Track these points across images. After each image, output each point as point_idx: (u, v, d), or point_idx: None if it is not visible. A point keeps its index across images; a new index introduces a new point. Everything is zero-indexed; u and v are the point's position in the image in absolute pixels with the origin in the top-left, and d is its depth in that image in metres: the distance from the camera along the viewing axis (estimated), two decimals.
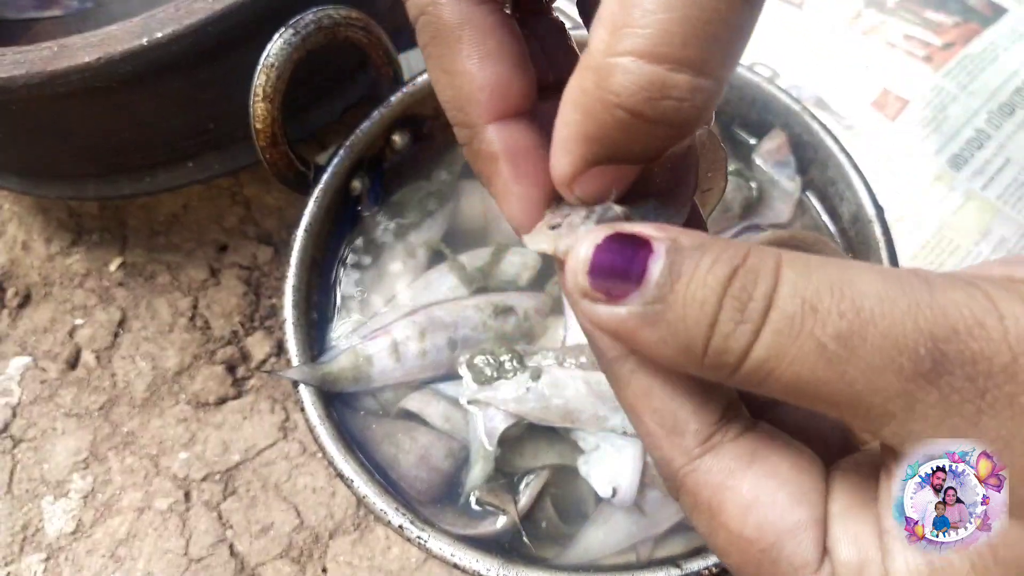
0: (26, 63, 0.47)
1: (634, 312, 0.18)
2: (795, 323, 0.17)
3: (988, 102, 0.65)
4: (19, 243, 0.65)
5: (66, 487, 0.56)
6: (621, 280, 0.18)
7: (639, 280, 0.18)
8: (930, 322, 0.17)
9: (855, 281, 0.17)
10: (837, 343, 0.17)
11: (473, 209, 0.54)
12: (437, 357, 0.47)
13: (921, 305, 0.17)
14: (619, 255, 0.19)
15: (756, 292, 0.18)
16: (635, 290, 0.18)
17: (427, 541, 0.40)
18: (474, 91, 0.22)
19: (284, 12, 0.46)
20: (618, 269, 0.19)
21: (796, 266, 0.18)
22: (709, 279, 0.18)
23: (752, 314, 0.18)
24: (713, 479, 0.20)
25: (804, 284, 0.18)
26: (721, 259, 0.18)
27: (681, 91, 0.18)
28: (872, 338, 0.17)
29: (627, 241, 0.19)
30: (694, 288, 0.18)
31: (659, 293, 0.18)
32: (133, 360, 0.60)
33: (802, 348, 0.17)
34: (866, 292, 0.17)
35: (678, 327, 0.18)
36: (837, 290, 0.17)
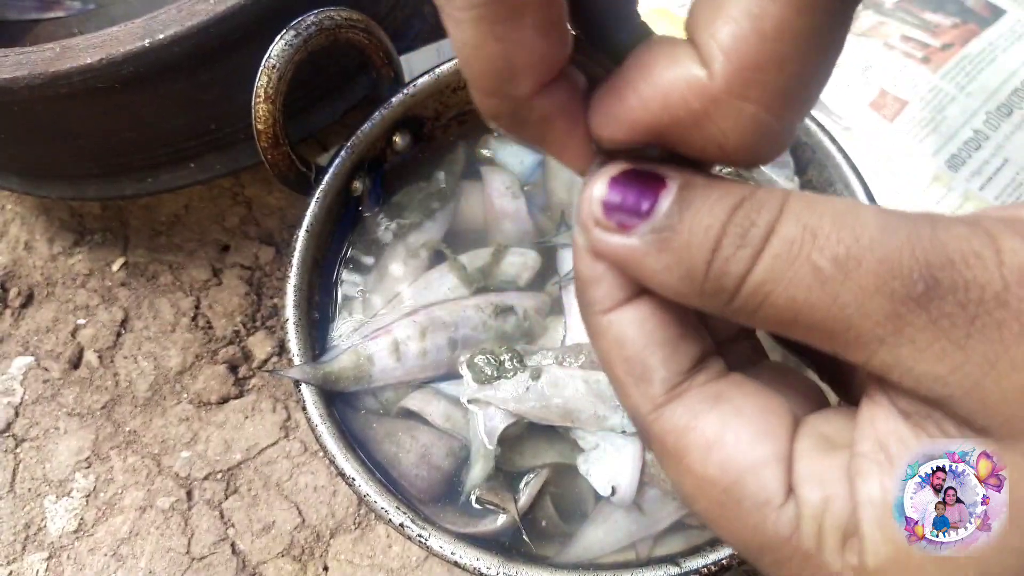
0: (28, 64, 0.47)
1: (642, 240, 0.19)
2: (794, 247, 0.18)
3: (986, 103, 0.65)
4: (22, 243, 0.66)
5: (68, 486, 0.56)
6: (633, 211, 0.19)
7: (650, 212, 0.19)
8: (927, 251, 0.17)
9: (859, 213, 0.18)
10: (833, 266, 0.18)
11: (473, 210, 0.54)
12: (438, 356, 0.47)
13: (921, 236, 0.18)
14: (633, 188, 0.19)
15: (760, 219, 0.18)
16: (645, 219, 0.19)
17: (428, 539, 0.40)
18: (533, 62, 0.20)
19: (286, 14, 0.46)
20: (631, 201, 0.19)
21: (802, 199, 0.18)
22: (716, 208, 0.19)
23: (753, 239, 0.18)
24: (678, 422, 0.20)
25: (808, 213, 0.18)
26: (730, 192, 0.19)
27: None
28: (868, 263, 0.17)
29: (642, 176, 0.19)
30: (701, 216, 0.19)
31: (667, 222, 0.19)
32: (135, 360, 0.60)
33: (799, 271, 0.18)
34: (868, 222, 0.18)
35: (682, 253, 0.19)
36: (839, 218, 0.18)
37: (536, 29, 0.19)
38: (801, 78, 0.19)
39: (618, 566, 0.42)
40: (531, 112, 0.21)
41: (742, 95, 0.18)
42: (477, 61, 0.20)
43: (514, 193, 0.53)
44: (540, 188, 0.55)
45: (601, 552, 0.44)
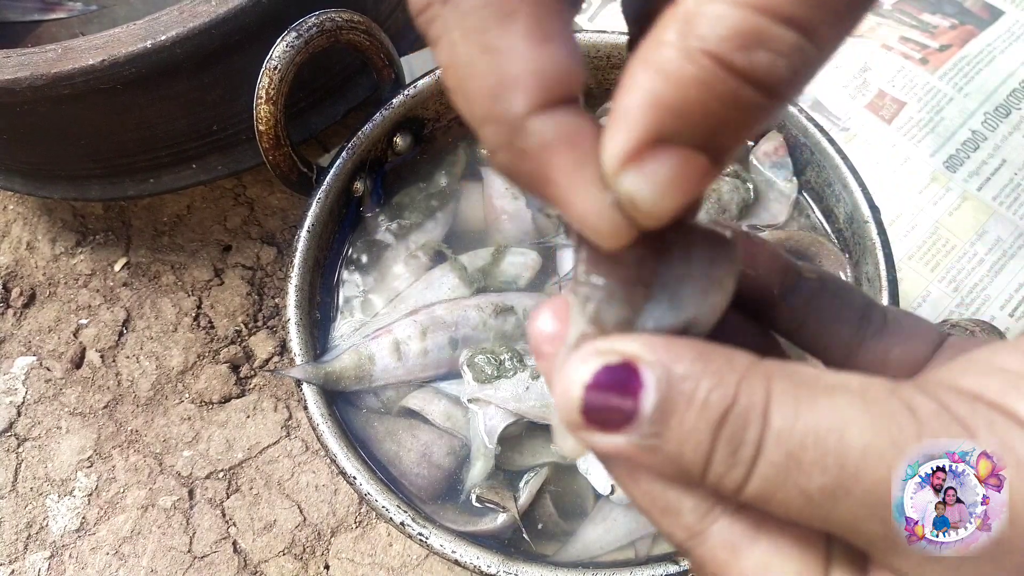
0: (31, 65, 0.47)
1: (632, 443, 0.19)
2: (780, 474, 0.18)
3: (984, 104, 0.65)
4: (24, 243, 0.66)
5: (70, 485, 0.57)
6: (614, 414, 0.18)
7: (632, 413, 0.18)
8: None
9: (841, 428, 0.18)
10: (822, 495, 0.18)
11: (474, 210, 0.54)
12: (438, 356, 0.48)
13: (907, 437, 0.17)
14: (609, 391, 0.19)
15: (746, 437, 0.18)
16: (629, 423, 0.18)
17: (428, 538, 0.40)
18: (523, 75, 0.17)
19: (287, 16, 0.46)
20: (610, 405, 0.18)
21: (784, 408, 0.18)
22: (701, 421, 0.18)
23: (743, 459, 0.18)
24: (718, 555, 0.20)
25: (789, 433, 0.18)
26: (712, 396, 0.18)
27: (780, 45, 0.15)
28: (856, 493, 0.17)
29: (615, 373, 0.19)
30: (686, 430, 0.18)
31: (652, 429, 0.18)
32: (137, 359, 0.61)
33: (789, 494, 0.18)
34: (852, 443, 0.17)
35: (676, 460, 0.18)
36: (822, 443, 0.18)
37: (528, 38, 0.17)
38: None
39: (617, 564, 0.42)
40: (528, 138, 0.18)
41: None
42: (469, 80, 0.18)
43: (514, 194, 0.54)
44: None
45: (600, 550, 0.44)
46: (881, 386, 0.18)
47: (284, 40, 0.45)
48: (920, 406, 0.18)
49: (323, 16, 0.46)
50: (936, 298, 0.59)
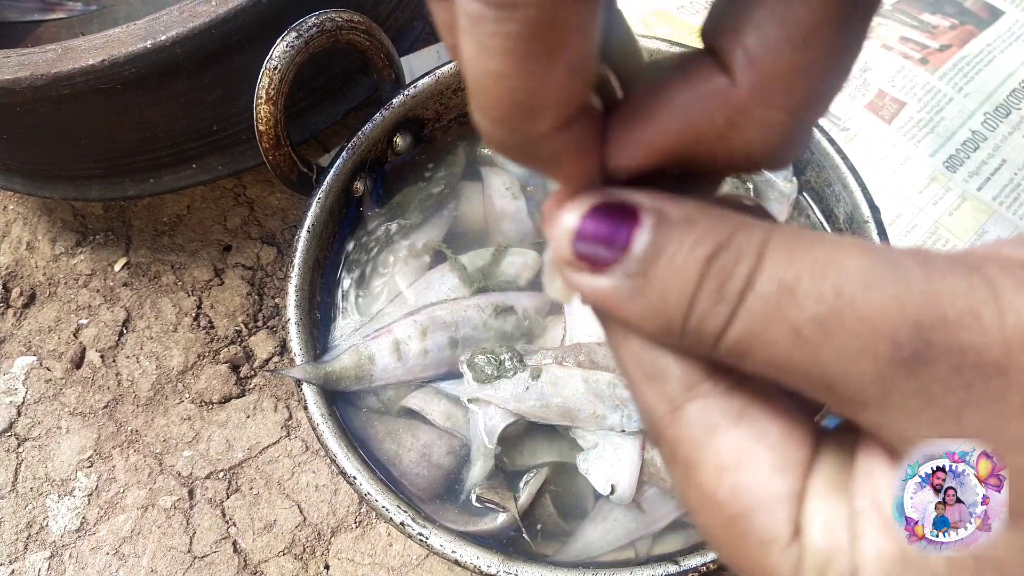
0: (31, 65, 0.47)
1: (615, 284, 0.18)
2: (770, 306, 0.17)
3: (984, 104, 0.65)
4: (24, 243, 0.66)
5: (70, 485, 0.57)
6: (605, 249, 0.18)
7: (623, 248, 0.18)
8: (918, 308, 0.16)
9: (843, 261, 0.16)
10: (812, 327, 0.16)
11: (474, 210, 0.54)
12: (438, 356, 0.48)
13: (912, 289, 0.16)
14: (604, 224, 0.18)
15: (737, 271, 0.17)
16: (618, 261, 0.18)
17: (428, 538, 0.40)
18: (559, 100, 0.18)
19: (287, 15, 0.46)
20: (602, 238, 0.18)
21: (783, 245, 0.17)
22: (691, 257, 0.17)
23: (730, 294, 0.17)
24: (694, 433, 0.19)
25: (786, 264, 0.17)
26: (707, 236, 0.17)
27: None
28: (850, 323, 0.16)
29: (614, 210, 0.18)
30: (676, 265, 0.17)
31: (640, 267, 0.18)
32: (138, 359, 0.61)
33: (776, 332, 0.17)
34: (852, 273, 0.16)
35: (658, 304, 0.18)
36: (820, 271, 0.16)
37: (569, 69, 0.17)
38: (828, 83, 0.18)
39: (617, 564, 0.42)
40: (545, 148, 0.19)
41: (768, 103, 0.17)
42: (496, 90, 0.17)
43: (514, 193, 0.54)
44: (540, 188, 0.55)
45: (600, 550, 0.44)
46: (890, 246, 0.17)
47: (284, 40, 0.45)
48: (930, 254, 0.17)
49: (323, 16, 0.46)
50: None
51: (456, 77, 0.53)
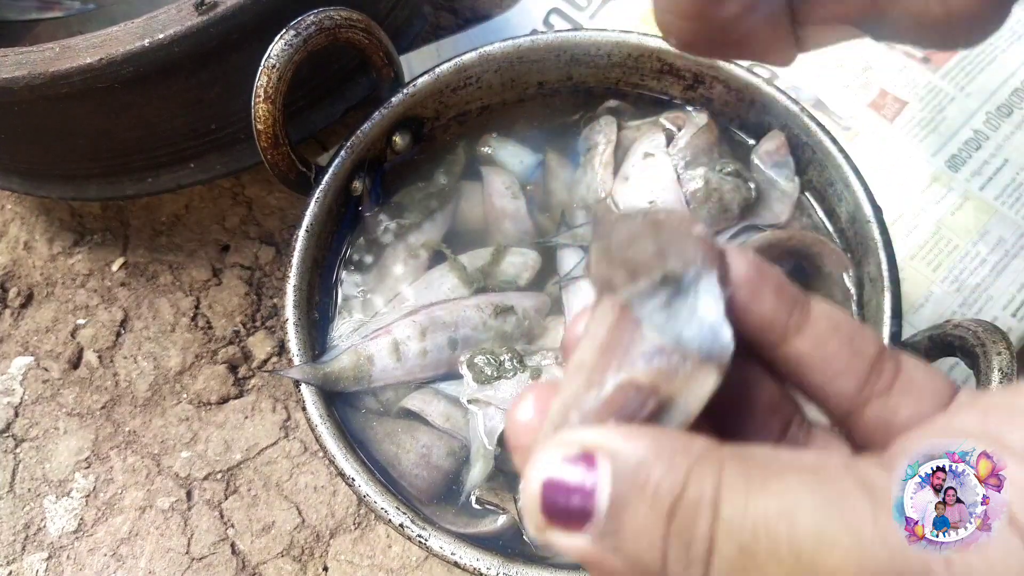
0: (28, 64, 0.47)
1: (591, 543, 0.18)
2: (737, 570, 0.17)
3: (986, 103, 0.65)
4: (22, 243, 0.66)
5: (68, 486, 0.56)
6: (573, 510, 0.18)
7: (590, 508, 0.18)
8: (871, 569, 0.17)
9: (794, 512, 0.17)
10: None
11: (473, 210, 0.54)
12: (438, 356, 0.47)
13: (864, 543, 0.17)
14: (567, 486, 0.18)
15: (697, 532, 0.18)
16: (589, 519, 0.18)
17: (428, 539, 0.40)
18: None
19: (285, 14, 0.46)
20: (571, 503, 0.18)
21: (734, 495, 0.18)
22: (652, 516, 0.18)
23: (696, 556, 0.18)
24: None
25: (739, 525, 0.17)
26: (661, 487, 0.18)
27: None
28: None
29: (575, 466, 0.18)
30: (639, 525, 0.18)
31: (610, 526, 0.18)
32: (135, 360, 0.60)
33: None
34: (805, 529, 0.17)
35: (635, 560, 0.18)
36: (773, 532, 0.17)
37: None
38: None
39: None
40: (734, 33, 0.20)
41: None
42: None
43: (514, 193, 0.53)
44: (540, 188, 0.55)
45: None
46: (837, 462, 0.18)
47: (282, 38, 0.45)
48: (877, 481, 0.17)
49: (322, 14, 0.46)
50: (939, 298, 0.58)
51: (456, 75, 0.53)
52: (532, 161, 0.55)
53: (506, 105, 0.56)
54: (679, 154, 0.51)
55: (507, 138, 0.56)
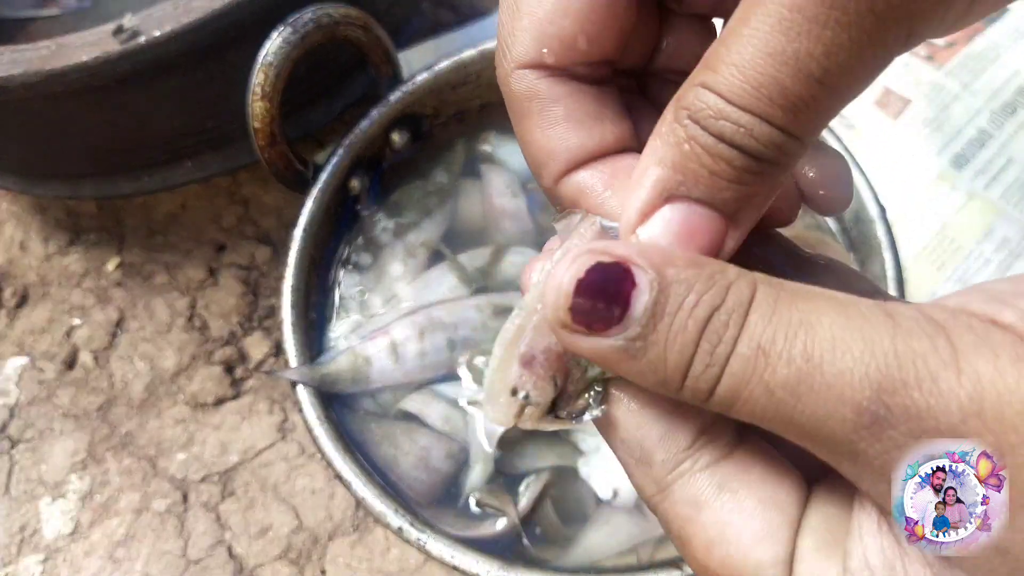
0: (23, 62, 0.47)
1: (616, 346, 0.18)
2: (747, 368, 0.18)
3: (990, 101, 0.65)
4: (17, 243, 0.65)
5: (64, 488, 0.56)
6: (603, 316, 0.18)
7: (621, 314, 0.18)
8: (881, 372, 0.17)
9: (815, 321, 0.17)
10: (784, 390, 0.17)
11: (472, 209, 0.54)
12: (436, 358, 0.47)
13: (876, 352, 0.17)
14: (601, 289, 0.18)
15: (725, 335, 0.18)
16: (617, 323, 0.18)
17: (426, 543, 0.40)
18: (542, 157, 0.22)
19: (283, 10, 0.46)
20: (601, 304, 0.18)
21: (764, 305, 0.18)
22: (690, 323, 0.18)
23: (719, 357, 0.18)
24: (680, 511, 0.20)
25: (763, 327, 0.18)
26: (703, 299, 0.18)
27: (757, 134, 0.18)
28: (818, 387, 0.17)
29: (609, 271, 0.18)
30: (675, 331, 0.18)
31: (641, 331, 0.18)
32: (131, 360, 0.60)
33: (753, 392, 0.18)
34: (822, 334, 0.17)
35: (657, 365, 0.18)
36: (792, 333, 0.17)
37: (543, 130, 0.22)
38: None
39: (619, 570, 0.42)
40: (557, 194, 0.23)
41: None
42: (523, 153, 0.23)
43: (514, 192, 0.53)
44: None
45: (602, 555, 0.43)
46: (867, 299, 0.18)
47: (280, 35, 0.45)
48: (900, 312, 0.18)
49: (319, 11, 0.46)
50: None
51: (455, 72, 0.53)
52: None
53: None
54: None
55: (507, 136, 0.55)
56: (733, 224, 0.20)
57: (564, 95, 0.22)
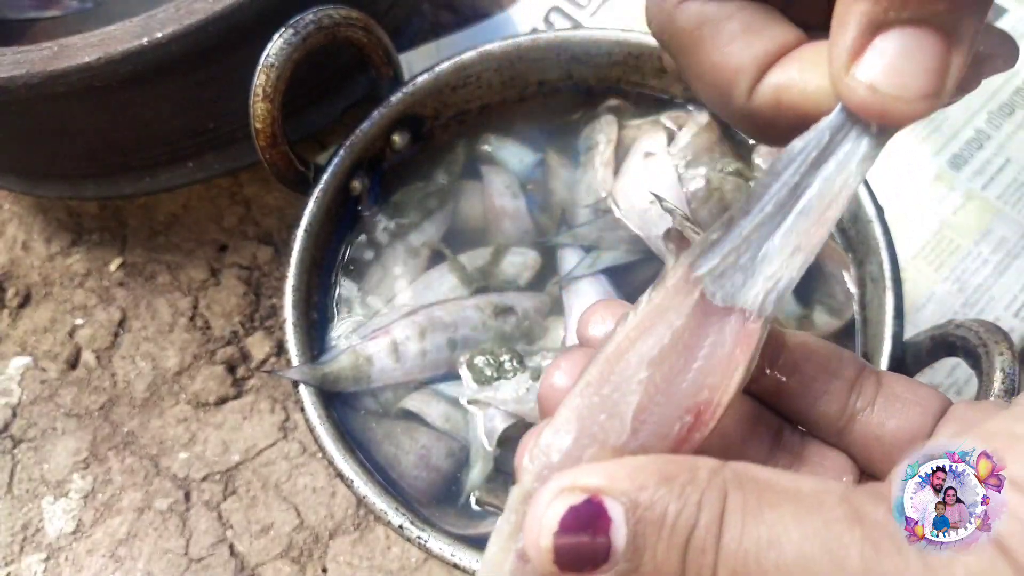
0: (26, 63, 0.47)
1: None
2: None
3: (988, 102, 0.65)
4: (19, 243, 0.65)
5: (66, 487, 0.56)
6: (587, 557, 0.18)
7: (605, 552, 0.18)
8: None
9: (783, 540, 0.18)
10: None
11: (473, 209, 0.54)
12: (437, 357, 0.47)
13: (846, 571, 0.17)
14: (579, 533, 0.18)
15: (704, 561, 0.18)
16: (605, 562, 0.18)
17: (427, 541, 0.40)
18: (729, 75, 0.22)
19: (284, 12, 0.46)
20: (583, 549, 0.18)
21: (733, 525, 0.18)
22: (672, 551, 0.18)
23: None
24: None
25: (735, 553, 0.18)
26: (679, 524, 0.18)
27: None
28: None
29: (583, 513, 0.18)
30: (659, 560, 0.18)
31: (629, 565, 0.18)
32: (133, 360, 0.60)
33: None
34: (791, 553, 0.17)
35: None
36: (763, 556, 0.18)
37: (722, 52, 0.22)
38: None
39: None
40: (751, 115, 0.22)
41: None
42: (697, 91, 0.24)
43: (514, 192, 0.53)
44: (540, 187, 0.55)
45: None
46: (833, 492, 0.18)
47: (281, 37, 0.45)
48: (869, 512, 0.18)
49: (320, 12, 0.46)
50: (941, 298, 0.58)
51: (455, 74, 0.53)
52: (532, 160, 0.55)
53: (506, 104, 0.56)
54: (680, 153, 0.51)
55: (507, 137, 0.56)
56: (954, 40, 0.18)
57: (735, 10, 0.22)
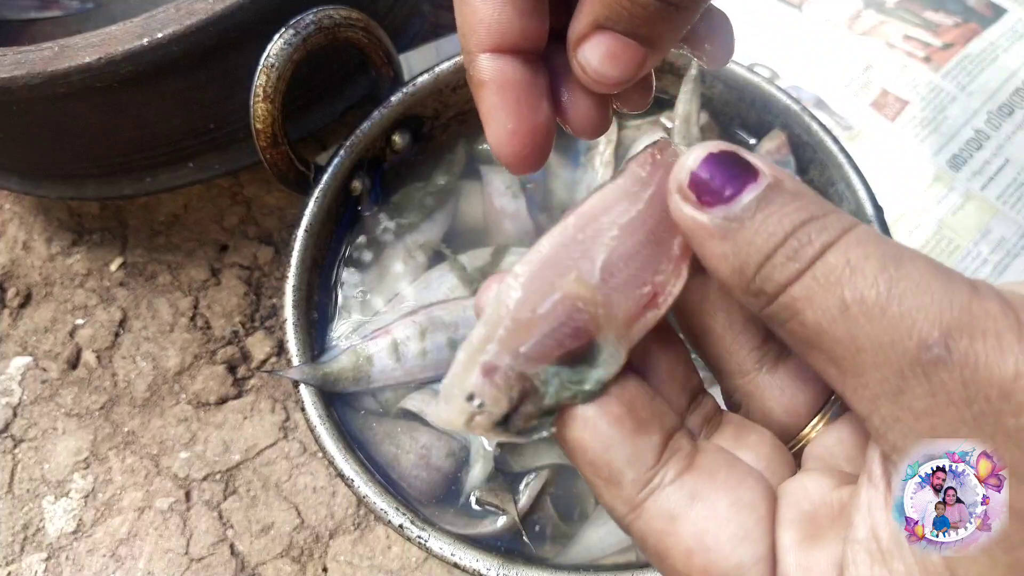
0: (27, 63, 0.47)
1: (712, 222, 0.20)
2: (832, 276, 0.18)
3: (987, 102, 0.65)
4: (20, 243, 0.65)
5: (67, 487, 0.56)
6: (716, 191, 0.20)
7: (731, 199, 0.19)
8: (953, 317, 0.17)
9: (906, 262, 0.18)
10: (859, 306, 0.18)
11: (473, 209, 0.54)
12: (437, 357, 0.47)
13: (953, 301, 0.17)
14: (725, 170, 0.20)
15: (817, 239, 0.19)
16: (723, 204, 0.20)
17: (427, 540, 0.40)
18: (475, 23, 0.24)
19: (284, 12, 0.46)
20: (718, 181, 0.20)
21: (862, 234, 0.19)
22: (787, 218, 0.19)
23: (803, 256, 0.19)
24: (655, 525, 0.20)
25: (857, 248, 0.18)
26: (808, 206, 0.19)
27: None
28: (891, 314, 0.17)
29: (738, 162, 0.20)
30: (771, 220, 0.19)
31: (741, 214, 0.19)
32: (134, 360, 0.60)
33: (829, 300, 0.18)
34: (909, 273, 0.18)
35: (742, 247, 0.19)
36: (884, 261, 0.18)
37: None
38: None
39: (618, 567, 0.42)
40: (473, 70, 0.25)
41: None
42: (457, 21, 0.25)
43: (514, 192, 0.53)
44: (540, 187, 0.55)
45: (601, 553, 0.44)
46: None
47: (281, 37, 0.45)
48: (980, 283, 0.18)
49: (321, 13, 0.46)
50: None
51: (455, 74, 0.53)
52: None
53: None
54: None
55: None
56: (651, 51, 0.23)
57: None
